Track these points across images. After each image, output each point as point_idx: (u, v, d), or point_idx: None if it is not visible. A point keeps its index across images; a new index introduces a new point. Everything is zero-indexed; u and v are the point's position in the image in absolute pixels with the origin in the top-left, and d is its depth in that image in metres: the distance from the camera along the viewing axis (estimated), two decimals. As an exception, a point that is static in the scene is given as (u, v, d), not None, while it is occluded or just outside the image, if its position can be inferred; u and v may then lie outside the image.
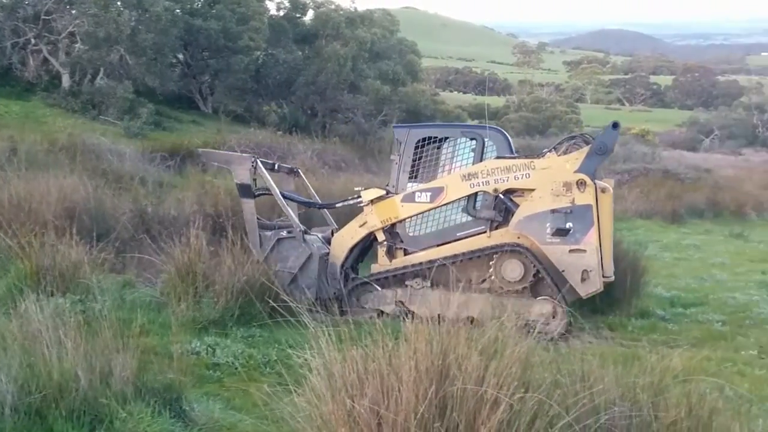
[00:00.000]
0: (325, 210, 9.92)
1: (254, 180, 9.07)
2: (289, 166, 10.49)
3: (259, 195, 9.20)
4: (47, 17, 25.23)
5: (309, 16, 32.54)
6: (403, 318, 8.47)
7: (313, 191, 10.28)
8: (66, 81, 25.56)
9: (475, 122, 47.51)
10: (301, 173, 10.32)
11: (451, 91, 73.25)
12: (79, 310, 6.08)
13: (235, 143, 17.73)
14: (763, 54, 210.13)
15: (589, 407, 3.87)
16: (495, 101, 57.85)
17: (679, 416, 3.92)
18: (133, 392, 4.67)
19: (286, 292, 6.53)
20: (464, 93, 75.11)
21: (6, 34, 25.20)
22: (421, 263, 8.63)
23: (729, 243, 16.70)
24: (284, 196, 9.15)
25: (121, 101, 24.23)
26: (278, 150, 18.59)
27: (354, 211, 9.26)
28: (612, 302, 9.19)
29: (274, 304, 5.42)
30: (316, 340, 4.03)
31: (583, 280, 8.17)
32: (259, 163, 9.10)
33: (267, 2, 31.82)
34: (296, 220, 9.00)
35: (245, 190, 9.03)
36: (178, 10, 28.30)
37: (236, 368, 6.16)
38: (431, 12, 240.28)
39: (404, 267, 8.72)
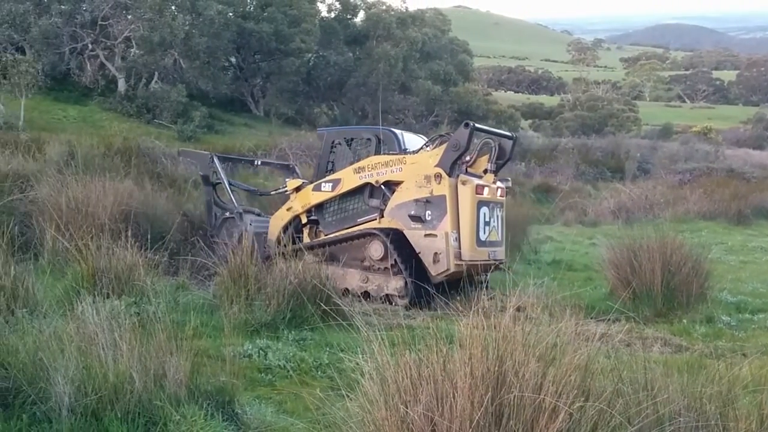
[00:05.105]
0: None
1: (213, 172, 11.06)
2: (286, 163, 12.57)
3: (217, 184, 11.11)
4: (104, 23, 25.79)
5: (360, 17, 32.58)
6: None
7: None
8: (122, 85, 26.09)
9: (528, 122, 47.02)
10: (297, 169, 11.95)
11: (504, 91, 72.62)
12: (133, 312, 6.08)
13: (286, 145, 17.77)
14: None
15: (653, 418, 3.71)
16: (549, 100, 57.10)
17: (749, 428, 3.73)
18: (187, 395, 4.62)
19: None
20: (517, 92, 74.38)
21: (64, 40, 25.83)
22: (322, 242, 9.92)
23: (798, 245, 16.02)
24: (231, 185, 11.10)
25: (174, 105, 24.64)
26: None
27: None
28: (675, 307, 8.88)
29: (326, 308, 5.37)
30: (368, 344, 3.94)
31: (435, 261, 9.13)
32: (215, 158, 11.18)
33: (318, 4, 31.97)
34: (235, 203, 10.82)
35: (205, 180, 11.18)
36: (230, 14, 28.63)
37: (288, 372, 6.10)
38: (483, 10, 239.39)
39: (310, 244, 9.93)
